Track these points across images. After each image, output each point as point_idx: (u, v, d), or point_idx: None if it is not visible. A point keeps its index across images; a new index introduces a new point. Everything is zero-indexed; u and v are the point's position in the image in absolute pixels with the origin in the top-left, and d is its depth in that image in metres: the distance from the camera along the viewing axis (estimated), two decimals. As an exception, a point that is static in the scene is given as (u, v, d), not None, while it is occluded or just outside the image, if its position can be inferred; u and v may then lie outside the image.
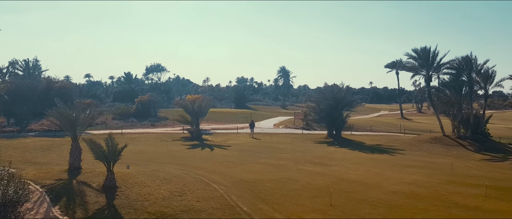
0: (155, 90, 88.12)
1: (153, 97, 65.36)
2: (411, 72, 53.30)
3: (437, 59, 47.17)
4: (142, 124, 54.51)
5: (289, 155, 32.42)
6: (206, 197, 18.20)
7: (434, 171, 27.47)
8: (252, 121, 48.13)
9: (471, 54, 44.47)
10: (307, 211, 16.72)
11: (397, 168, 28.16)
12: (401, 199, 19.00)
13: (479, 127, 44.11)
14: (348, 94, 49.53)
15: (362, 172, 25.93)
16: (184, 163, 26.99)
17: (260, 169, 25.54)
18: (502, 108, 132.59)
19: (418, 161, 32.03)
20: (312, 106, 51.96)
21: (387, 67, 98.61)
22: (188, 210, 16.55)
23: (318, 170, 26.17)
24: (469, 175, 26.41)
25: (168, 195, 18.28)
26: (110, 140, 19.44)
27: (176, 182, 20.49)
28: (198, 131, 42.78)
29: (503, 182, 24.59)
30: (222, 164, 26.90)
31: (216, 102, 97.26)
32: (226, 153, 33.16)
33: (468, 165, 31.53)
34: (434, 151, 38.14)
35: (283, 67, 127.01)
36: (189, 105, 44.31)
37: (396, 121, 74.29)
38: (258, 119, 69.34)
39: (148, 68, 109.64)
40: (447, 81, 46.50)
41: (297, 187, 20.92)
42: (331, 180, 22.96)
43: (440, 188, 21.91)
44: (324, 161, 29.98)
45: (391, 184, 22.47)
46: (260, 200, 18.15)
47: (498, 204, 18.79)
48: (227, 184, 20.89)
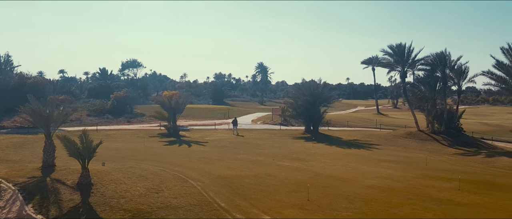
0: (131, 86, 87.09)
1: (129, 93, 64.55)
2: (387, 68, 54.04)
3: (412, 55, 47.96)
4: (118, 120, 53.81)
5: (267, 150, 32.49)
6: (183, 194, 18.07)
7: (409, 165, 27.96)
8: (235, 118, 47.48)
9: (445, 50, 45.36)
10: (285, 206, 16.79)
11: (373, 162, 28.54)
12: (376, 193, 19.26)
13: (452, 122, 45.06)
14: (325, 90, 49.97)
15: (339, 167, 26.19)
16: (161, 159, 26.74)
17: (238, 165, 25.51)
18: (475, 104, 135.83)
19: (393, 155, 32.55)
20: (290, 102, 52.17)
21: (363, 63, 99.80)
22: (165, 207, 16.40)
23: (296, 165, 26.30)
24: (443, 169, 26.98)
25: (145, 192, 18.09)
26: (84, 136, 19.11)
27: (152, 179, 20.29)
28: (175, 128, 42.44)
29: (475, 175, 25.20)
30: (200, 161, 26.76)
31: (194, 98, 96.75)
32: (203, 149, 33.00)
33: (442, 159, 32.20)
34: (409, 146, 38.81)
35: (261, 63, 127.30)
36: (166, 101, 43.90)
37: (372, 117, 75.30)
38: (236, 115, 69.18)
39: (124, 64, 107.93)
40: (422, 77, 47.34)
41: (274, 182, 20.97)
42: (309, 175, 23.11)
43: (415, 182, 22.31)
44: (302, 156, 30.15)
45: (367, 178, 22.76)
46: (238, 196, 18.13)
47: (470, 197, 19.25)
48: (205, 180, 20.79)
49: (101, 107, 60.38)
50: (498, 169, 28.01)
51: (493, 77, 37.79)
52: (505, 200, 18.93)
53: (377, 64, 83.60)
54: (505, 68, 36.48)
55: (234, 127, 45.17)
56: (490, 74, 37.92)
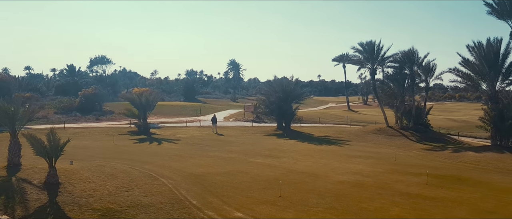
0: (100, 83, 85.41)
1: (98, 90, 63.30)
2: (357, 65, 54.84)
3: (381, 52, 48.83)
4: (87, 118, 52.74)
5: (239, 147, 32.44)
6: (154, 192, 17.83)
7: (378, 161, 28.45)
8: (214, 116, 46.49)
9: (413, 48, 46.38)
10: (257, 203, 16.79)
11: (344, 158, 28.91)
12: (347, 189, 19.51)
13: (420, 118, 46.14)
14: (297, 87, 50.23)
15: (311, 163, 26.40)
16: (131, 157, 26.31)
17: (209, 162, 25.37)
18: (442, 100, 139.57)
19: (363, 151, 33.06)
20: (262, 99, 52.28)
21: (334, 61, 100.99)
22: (135, 206, 16.14)
23: (268, 162, 26.36)
24: (411, 164, 27.57)
25: (114, 191, 17.75)
26: (51, 135, 18.59)
27: (122, 177, 19.94)
28: (145, 125, 41.85)
29: (442, 170, 25.86)
30: (171, 158, 26.47)
31: (165, 95, 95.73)
32: (175, 147, 32.68)
33: (410, 154, 32.91)
34: (378, 142, 39.50)
35: (233, 60, 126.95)
36: (136, 98, 43.19)
37: (343, 113, 76.34)
38: (208, 112, 68.89)
39: (92, 60, 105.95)
40: (391, 74, 48.24)
41: (246, 179, 20.95)
42: (281, 171, 23.20)
43: (384, 177, 22.71)
44: (274, 153, 30.25)
45: (338, 174, 23.03)
46: (210, 193, 18.02)
47: (437, 191, 19.73)
48: (176, 178, 20.58)
49: (69, 105, 59.02)
50: (464, 164, 28.85)
51: (459, 74, 38.82)
52: (471, 193, 19.49)
53: (348, 61, 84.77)
54: (470, 65, 37.54)
55: (214, 124, 44.34)
56: (457, 71, 38.94)
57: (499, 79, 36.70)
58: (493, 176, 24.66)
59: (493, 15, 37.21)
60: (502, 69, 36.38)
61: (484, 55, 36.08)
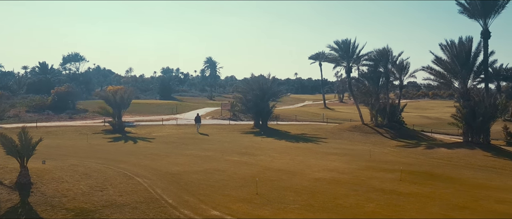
0: (74, 81, 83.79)
1: (71, 88, 61.99)
2: (333, 64, 55.25)
3: (356, 51, 49.33)
4: (59, 116, 51.65)
5: (215, 146, 32.30)
6: (129, 191, 17.58)
7: (354, 157, 28.77)
8: (198, 115, 45.19)
9: (387, 46, 47.08)
10: (233, 201, 16.75)
11: (320, 155, 29.13)
12: (323, 185, 19.65)
13: (395, 115, 46.91)
14: (274, 85, 50.33)
15: (287, 161, 26.49)
16: (106, 156, 25.87)
17: (186, 161, 25.17)
18: (415, 98, 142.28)
19: (339, 148, 33.38)
20: (239, 96, 52.17)
21: (311, 59, 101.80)
22: (110, 205, 15.87)
23: (245, 160, 26.33)
24: (386, 161, 27.99)
25: (88, 191, 17.42)
26: (23, 134, 18.11)
27: (96, 176, 19.58)
28: (120, 124, 41.24)
29: (415, 166, 26.34)
30: (146, 157, 26.15)
31: (140, 93, 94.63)
32: (150, 145, 32.30)
33: (384, 151, 33.39)
34: (354, 139, 39.96)
35: (210, 57, 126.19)
36: (111, 96, 42.49)
37: (320, 111, 76.91)
38: (185, 110, 68.42)
39: (65, 58, 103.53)
40: (366, 72, 48.85)
41: (223, 177, 20.88)
42: (257, 169, 23.20)
43: (359, 173, 22.98)
44: (251, 151, 30.24)
45: (314, 171, 23.18)
46: (186, 192, 17.88)
47: (411, 187, 20.08)
48: (152, 177, 20.34)
49: (41, 103, 57.61)
50: (436, 160, 29.44)
51: (432, 72, 39.55)
52: (443, 189, 19.91)
53: (324, 60, 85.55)
54: (443, 63, 38.28)
55: (197, 124, 43.13)
56: (430, 70, 39.65)
57: (471, 77, 37.54)
58: (465, 172, 25.27)
59: (465, 14, 37.95)
60: (473, 67, 37.23)
61: (456, 53, 36.84)
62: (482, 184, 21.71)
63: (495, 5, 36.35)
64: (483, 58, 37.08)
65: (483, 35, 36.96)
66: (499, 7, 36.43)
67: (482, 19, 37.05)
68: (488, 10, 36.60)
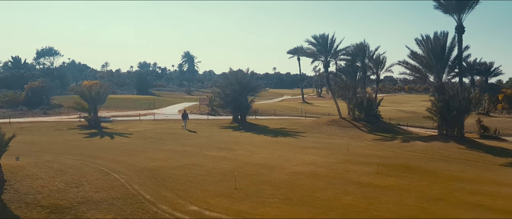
0: (48, 76, 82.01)
1: (45, 83, 60.78)
2: (311, 58, 55.66)
3: (334, 45, 49.66)
4: (33, 112, 50.60)
5: (194, 141, 32.11)
6: (105, 187, 17.30)
7: (331, 151, 29.01)
8: (185, 111, 43.75)
9: (364, 41, 47.54)
10: (212, 196, 16.68)
11: (299, 150, 29.27)
12: (301, 179, 19.76)
13: (371, 109, 47.49)
14: (252, 80, 50.31)
15: (266, 155, 26.54)
16: (81, 152, 25.41)
17: (164, 156, 24.94)
18: (392, 92, 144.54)
19: (317, 142, 33.62)
20: (217, 91, 51.99)
21: (289, 53, 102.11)
22: (86, 202, 15.59)
23: (223, 154, 26.26)
24: (363, 154, 28.32)
25: (64, 187, 17.07)
26: (-5, 130, 17.60)
27: (72, 173, 19.21)
28: (96, 119, 40.58)
29: (392, 159, 26.74)
30: (123, 153, 25.80)
31: (116, 88, 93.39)
32: (127, 141, 31.89)
33: (361, 145, 33.79)
34: (332, 133, 40.31)
35: (188, 52, 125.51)
36: (86, 91, 41.75)
37: (298, 105, 77.35)
38: (162, 105, 67.85)
39: (39, 52, 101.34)
40: (344, 67, 49.32)
41: (202, 172, 20.77)
42: (236, 164, 23.17)
43: (337, 167, 23.19)
44: (229, 145, 30.17)
45: (292, 165, 23.28)
46: (164, 188, 17.71)
47: (387, 179, 20.37)
48: (129, 173, 20.07)
49: (14, 98, 56.31)
50: (412, 153, 29.95)
51: (408, 67, 40.13)
52: (419, 181, 20.27)
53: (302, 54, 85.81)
54: (419, 58, 38.87)
55: (185, 120, 41.44)
56: (405, 64, 40.23)
57: (446, 71, 38.26)
58: (440, 164, 25.78)
59: (440, 9, 38.58)
60: (448, 61, 37.93)
61: (431, 48, 37.45)
62: (456, 176, 22.19)
63: (469, 0, 37.07)
64: (458, 53, 37.81)
65: (458, 30, 37.67)
66: (473, 2, 37.17)
67: (457, 15, 37.73)
68: (462, 6, 37.29)
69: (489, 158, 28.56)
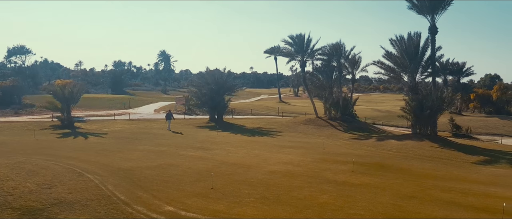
0: (19, 75, 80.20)
1: (16, 82, 59.44)
2: (288, 58, 55.81)
3: (310, 45, 50.05)
4: (4, 112, 49.47)
5: (170, 141, 31.82)
6: (79, 188, 16.95)
7: (308, 150, 29.18)
8: (169, 111, 42.71)
9: (340, 41, 48.06)
10: (188, 196, 16.53)
11: (275, 149, 29.33)
12: (278, 178, 19.79)
13: (347, 109, 48.04)
14: (229, 79, 50.23)
15: (243, 155, 26.49)
16: (54, 153, 24.85)
17: (139, 156, 24.61)
18: (367, 91, 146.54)
19: (294, 141, 33.76)
20: (194, 90, 51.67)
21: (266, 53, 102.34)
22: (59, 203, 15.24)
23: (200, 154, 26.09)
24: (339, 153, 28.58)
25: (36, 188, 16.65)
26: (-39, 130, 17.06)
27: (44, 174, 18.76)
28: (69, 119, 39.80)
29: (367, 158, 27.08)
30: (98, 153, 25.35)
31: (91, 87, 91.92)
32: (102, 141, 31.36)
33: (337, 143, 34.10)
34: (308, 132, 40.55)
35: (164, 51, 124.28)
36: (59, 90, 40.90)
37: (275, 105, 77.58)
38: (138, 104, 67.04)
39: (10, 50, 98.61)
40: (320, 67, 49.69)
41: (178, 172, 20.57)
42: (213, 163, 23.04)
43: (313, 166, 23.33)
44: (206, 145, 30.01)
45: (269, 164, 23.30)
46: (139, 188, 17.46)
47: (362, 178, 20.60)
48: (103, 173, 19.72)
49: (-16, 98, 54.88)
50: (387, 151, 30.40)
51: (382, 67, 40.71)
52: (393, 179, 20.57)
53: (279, 54, 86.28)
54: (393, 58, 39.48)
55: (169, 121, 40.43)
56: (380, 64, 40.81)
57: (419, 71, 38.96)
58: (413, 162, 26.24)
59: (414, 10, 39.26)
60: (421, 61, 38.63)
61: (405, 48, 38.08)
62: (430, 174, 22.63)
63: (442, 1, 37.82)
64: (431, 53, 38.54)
65: (431, 30, 38.40)
66: (445, 3, 37.95)
67: (430, 15, 38.45)
68: (435, 7, 38.03)
69: (461, 156, 29.24)
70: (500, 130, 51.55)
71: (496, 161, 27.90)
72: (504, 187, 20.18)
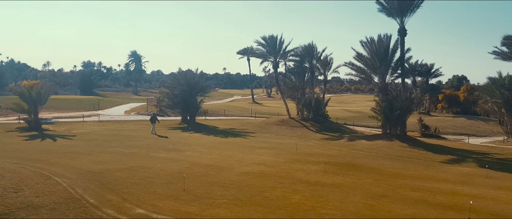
0: (-16, 76, 77.64)
1: (-19, 83, 57.34)
2: (261, 59, 56.03)
3: (283, 46, 50.37)
4: (-32, 114, 47.60)
5: (141, 142, 31.37)
6: (46, 192, 16.48)
7: (281, 151, 29.28)
8: (154, 115, 40.95)
9: (312, 42, 48.55)
10: (160, 198, 16.31)
11: (248, 150, 29.32)
12: (251, 179, 19.77)
13: (319, 109, 48.53)
14: (202, 80, 49.95)
15: (215, 156, 26.36)
16: (21, 156, 24.12)
17: (109, 159, 24.14)
18: (339, 92, 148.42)
19: (267, 142, 33.83)
20: (166, 91, 51.16)
21: (239, 54, 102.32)
22: (26, 207, 14.78)
23: (172, 156, 25.81)
24: (311, 153, 28.80)
25: (1, 192, 16.10)
26: None
27: (10, 177, 18.17)
28: (37, 121, 38.73)
29: (338, 158, 27.38)
30: (66, 156, 24.74)
31: (59, 88, 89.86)
32: (70, 143, 30.63)
33: (310, 144, 34.37)
34: (281, 133, 40.72)
35: (135, 51, 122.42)
36: (26, 91, 39.76)
37: (248, 106, 77.63)
38: (107, 106, 65.87)
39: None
40: (292, 68, 50.06)
41: (149, 174, 20.28)
42: (185, 165, 22.83)
43: (286, 166, 23.42)
44: (178, 147, 29.73)
45: (242, 165, 23.26)
46: (109, 191, 17.12)
47: (334, 178, 20.81)
48: (72, 176, 19.25)
49: None
50: (358, 151, 30.83)
51: (354, 68, 41.34)
52: (364, 179, 20.86)
53: (252, 55, 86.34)
54: (364, 59, 40.14)
55: (153, 124, 38.48)
56: (351, 65, 41.45)
57: (389, 72, 39.75)
58: (384, 162, 26.70)
59: (384, 12, 40.00)
60: (391, 63, 39.42)
61: (376, 50, 38.79)
62: (399, 173, 23.06)
63: (411, 4, 38.68)
64: (400, 55, 39.36)
65: (400, 32, 39.21)
66: (414, 6, 38.83)
67: (399, 18, 39.27)
68: (404, 9, 38.86)
69: (429, 155, 29.94)
70: (467, 130, 53.15)
71: (463, 160, 28.68)
72: (471, 185, 20.76)
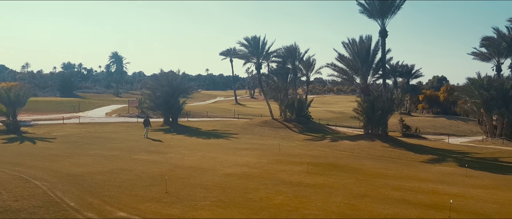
0: (-40, 77, 75.79)
1: (-43, 85, 55.92)
2: (244, 60, 55.98)
3: (266, 47, 50.47)
4: None
5: (122, 144, 31.01)
6: (25, 195, 16.16)
7: (264, 152, 29.29)
8: (146, 117, 39.85)
9: (295, 44, 48.69)
10: (141, 201, 16.13)
11: (231, 151, 29.24)
12: (234, 181, 19.71)
13: (302, 110, 48.71)
14: (184, 81, 49.68)
15: (198, 158, 26.22)
16: (-2, 159, 23.62)
17: (89, 161, 23.80)
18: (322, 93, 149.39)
19: (250, 143, 33.81)
20: (147, 93, 50.70)
21: (222, 55, 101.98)
22: (4, 211, 14.45)
23: (154, 158, 25.58)
24: (294, 154, 28.87)
25: (-22, 197, 15.73)
26: None
27: (-13, 181, 17.77)
28: (15, 123, 37.95)
29: (321, 158, 27.52)
30: (46, 158, 24.30)
31: (38, 90, 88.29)
32: (50, 146, 30.11)
33: (293, 145, 34.46)
34: (264, 134, 40.74)
35: (116, 52, 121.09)
36: (4, 93, 38.93)
37: (231, 107, 77.49)
38: (88, 107, 65.01)
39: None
40: (275, 69, 50.13)
41: (131, 177, 20.05)
42: (167, 167, 22.65)
43: (269, 167, 23.43)
44: (160, 149, 29.48)
45: (225, 167, 23.19)
46: (90, 194, 16.86)
47: (317, 178, 20.90)
48: (51, 179, 18.91)
49: None
50: (340, 152, 31.03)
51: (336, 69, 41.63)
52: (346, 179, 21.00)
53: (235, 56, 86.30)
54: (346, 60, 40.44)
55: (146, 128, 37.38)
56: (333, 66, 41.72)
57: (370, 73, 40.14)
58: (366, 162, 26.93)
59: (365, 14, 40.39)
60: (372, 64, 39.82)
61: (357, 51, 39.13)
62: (381, 173, 23.29)
63: (391, 6, 39.15)
64: (381, 56, 39.80)
65: (381, 34, 39.65)
66: (395, 8, 39.32)
67: (380, 19, 39.72)
68: (385, 11, 39.32)
69: (410, 155, 30.32)
70: (447, 130, 54.03)
71: (444, 160, 29.12)
72: (451, 184, 21.08)
